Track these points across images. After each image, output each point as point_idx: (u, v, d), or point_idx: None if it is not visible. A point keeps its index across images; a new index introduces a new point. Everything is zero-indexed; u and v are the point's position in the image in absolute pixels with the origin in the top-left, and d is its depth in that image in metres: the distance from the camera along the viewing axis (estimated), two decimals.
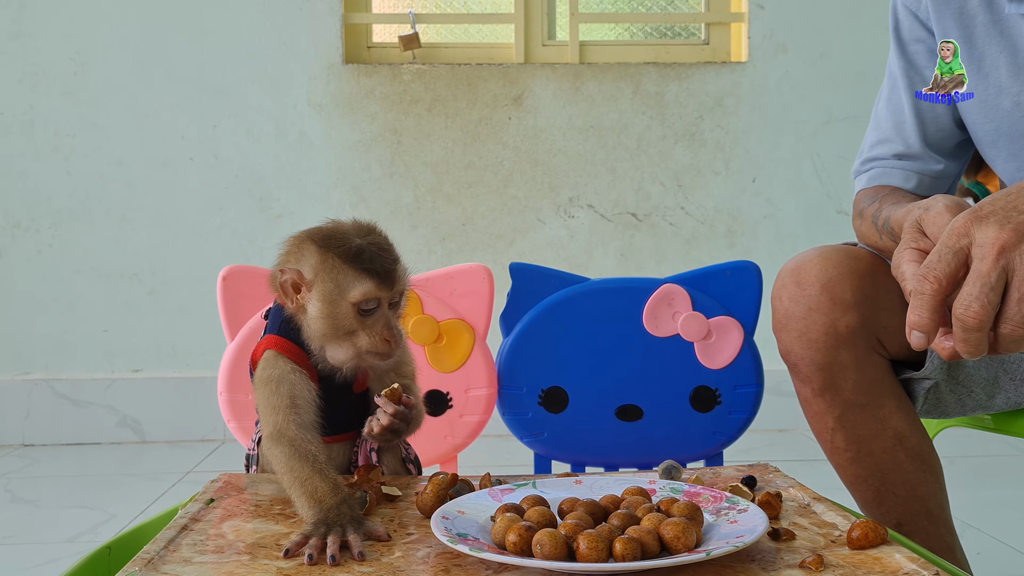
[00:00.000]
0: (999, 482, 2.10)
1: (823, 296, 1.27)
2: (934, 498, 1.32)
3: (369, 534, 0.96)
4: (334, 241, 1.10)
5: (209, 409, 2.88)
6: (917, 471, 1.30)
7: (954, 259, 0.82)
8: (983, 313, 0.79)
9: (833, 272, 1.28)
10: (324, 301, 1.09)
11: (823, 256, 1.30)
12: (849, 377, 1.28)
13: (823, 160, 3.08)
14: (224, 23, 2.97)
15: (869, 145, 1.45)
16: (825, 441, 1.34)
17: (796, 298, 1.29)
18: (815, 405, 1.32)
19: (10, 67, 2.94)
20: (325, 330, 1.10)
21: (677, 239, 3.05)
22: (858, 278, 1.28)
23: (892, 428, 1.29)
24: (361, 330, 1.10)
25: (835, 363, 1.27)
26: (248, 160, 2.98)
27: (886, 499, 1.31)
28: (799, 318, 1.28)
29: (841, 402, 1.29)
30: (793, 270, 1.31)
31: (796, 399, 1.39)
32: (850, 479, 1.34)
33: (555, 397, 1.52)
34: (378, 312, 1.10)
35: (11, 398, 2.94)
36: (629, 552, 0.85)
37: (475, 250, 3.01)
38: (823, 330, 1.27)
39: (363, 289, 1.08)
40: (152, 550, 0.93)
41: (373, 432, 1.12)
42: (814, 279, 1.28)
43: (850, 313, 1.26)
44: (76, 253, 2.97)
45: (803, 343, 1.28)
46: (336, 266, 1.09)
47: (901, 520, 1.30)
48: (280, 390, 1.10)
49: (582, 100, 3.03)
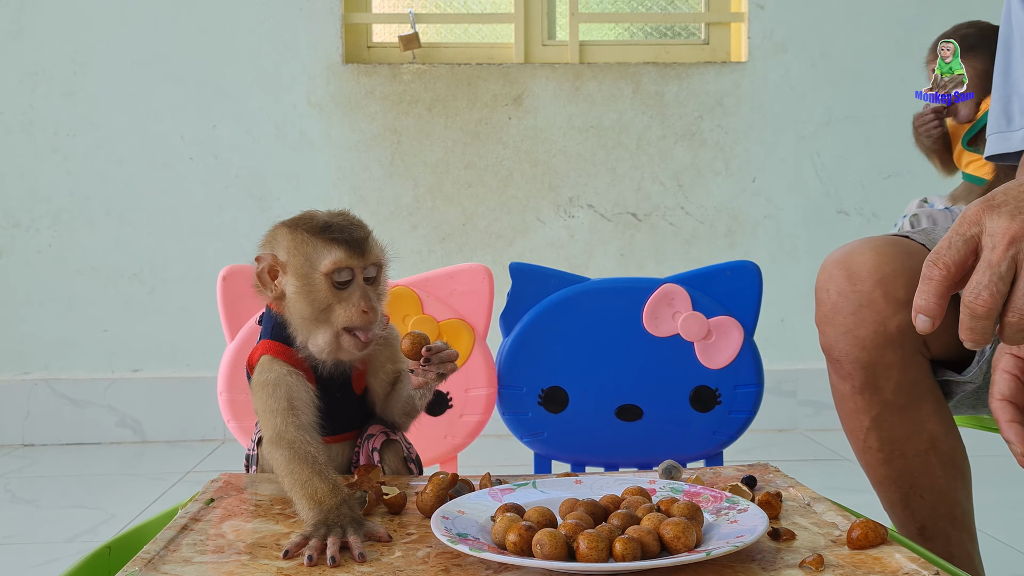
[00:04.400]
0: (999, 482, 2.09)
1: (876, 292, 1.22)
2: (960, 505, 1.29)
3: (369, 534, 0.96)
4: (303, 220, 1.13)
5: (209, 409, 2.88)
6: (947, 477, 1.27)
7: (964, 247, 0.81)
8: (992, 302, 0.79)
9: (888, 268, 1.22)
10: (298, 277, 1.11)
11: (876, 250, 1.25)
12: (892, 378, 1.24)
13: (823, 160, 3.08)
14: (224, 23, 2.96)
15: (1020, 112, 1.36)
16: (857, 439, 1.30)
17: (846, 293, 1.24)
18: (852, 402, 1.27)
19: (10, 67, 2.93)
20: (303, 309, 1.11)
21: (677, 239, 3.05)
22: (911, 276, 1.22)
23: (928, 432, 1.26)
24: (337, 304, 1.11)
25: (880, 362, 1.23)
26: (248, 160, 2.98)
27: (913, 502, 1.28)
28: (848, 314, 1.23)
29: (880, 402, 1.25)
30: (842, 262, 1.26)
31: (796, 399, 1.38)
32: (879, 479, 1.31)
33: (555, 397, 1.52)
34: (353, 284, 1.11)
35: (11, 398, 2.94)
36: (629, 552, 0.85)
37: (475, 250, 3.01)
38: (873, 328, 1.22)
39: (333, 258, 1.10)
40: (152, 550, 0.93)
41: (427, 382, 1.13)
42: (867, 274, 1.23)
43: (902, 312, 1.21)
44: (76, 253, 2.97)
45: (849, 340, 1.24)
46: (306, 240, 1.11)
47: (925, 524, 1.28)
48: (277, 393, 1.11)
49: (582, 100, 3.03)
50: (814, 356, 3.04)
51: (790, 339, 3.06)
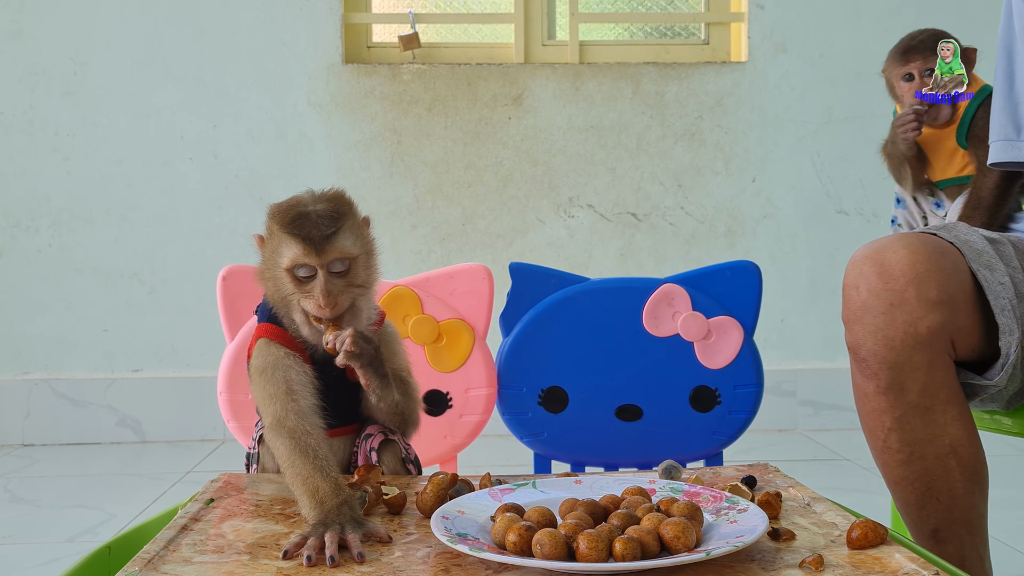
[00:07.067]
0: (999, 482, 2.09)
1: (909, 292, 1.20)
2: (975, 510, 1.28)
3: (370, 534, 0.96)
4: (282, 208, 1.14)
5: (209, 409, 2.87)
6: (964, 482, 1.26)
7: None
8: None
9: (921, 268, 1.20)
10: (266, 265, 1.15)
11: (909, 248, 1.22)
12: (918, 379, 1.22)
13: (823, 160, 3.08)
14: (224, 23, 2.96)
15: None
16: (877, 438, 1.28)
17: (878, 292, 1.22)
18: (875, 402, 1.26)
19: (10, 67, 2.93)
20: (272, 293, 1.15)
21: (677, 239, 3.05)
22: (944, 276, 1.21)
23: (949, 436, 1.24)
24: (300, 294, 1.13)
25: (908, 363, 1.22)
26: (248, 160, 2.98)
27: (928, 505, 1.27)
28: (878, 313, 1.21)
29: (904, 403, 1.24)
30: (874, 259, 1.23)
31: (796, 399, 1.38)
32: (895, 479, 1.29)
33: (555, 397, 1.52)
34: (316, 279, 1.12)
35: (11, 398, 2.94)
36: (629, 552, 0.85)
37: (475, 250, 3.01)
38: (903, 329, 1.20)
39: (291, 255, 1.11)
40: (152, 550, 0.93)
41: (340, 354, 1.12)
42: (900, 272, 1.21)
43: (933, 313, 1.20)
44: (76, 253, 2.97)
45: (878, 340, 1.22)
46: (274, 232, 1.14)
47: (939, 527, 1.27)
48: (275, 377, 1.12)
49: (582, 100, 3.03)
50: (814, 356, 3.06)
51: (790, 339, 3.06)
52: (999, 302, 1.24)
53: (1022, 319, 1.25)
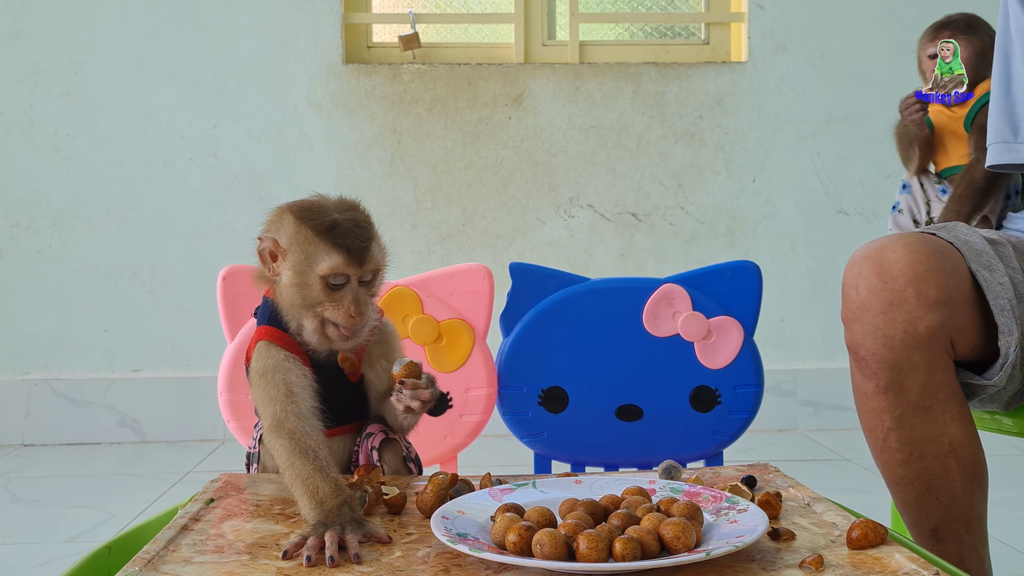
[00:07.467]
0: (999, 482, 2.09)
1: (908, 291, 1.20)
2: (975, 509, 1.28)
3: (370, 535, 0.96)
4: (311, 213, 1.12)
5: (209, 409, 2.88)
6: (964, 481, 1.26)
7: None
8: None
9: (921, 267, 1.21)
10: (295, 271, 1.11)
11: (909, 248, 1.23)
12: (918, 379, 1.23)
13: (823, 160, 3.08)
14: (224, 23, 2.97)
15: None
16: (877, 438, 1.29)
17: (877, 291, 1.22)
18: (875, 401, 1.26)
19: (10, 67, 2.93)
20: (294, 299, 1.12)
21: (677, 239, 3.05)
22: (944, 276, 1.21)
23: (949, 435, 1.25)
24: (328, 302, 1.11)
25: (907, 363, 1.22)
26: (248, 160, 2.98)
27: (928, 504, 1.27)
28: (877, 312, 1.22)
29: (904, 403, 1.24)
30: (873, 258, 1.24)
31: (796, 399, 1.38)
32: (895, 479, 1.29)
33: (555, 397, 1.52)
34: (346, 288, 1.11)
35: (11, 398, 2.94)
36: (629, 552, 0.85)
37: (475, 250, 3.01)
38: (903, 329, 1.21)
39: (331, 263, 1.10)
40: (152, 550, 0.93)
41: (413, 409, 1.14)
42: (899, 272, 1.21)
43: (933, 313, 1.20)
44: (76, 253, 2.97)
45: (877, 339, 1.22)
46: (308, 238, 1.11)
47: (939, 526, 1.27)
48: (275, 379, 1.11)
49: (582, 100, 3.03)
50: (814, 356, 3.06)
51: (790, 339, 3.06)
52: (998, 302, 1.24)
53: (1021, 319, 1.25)
